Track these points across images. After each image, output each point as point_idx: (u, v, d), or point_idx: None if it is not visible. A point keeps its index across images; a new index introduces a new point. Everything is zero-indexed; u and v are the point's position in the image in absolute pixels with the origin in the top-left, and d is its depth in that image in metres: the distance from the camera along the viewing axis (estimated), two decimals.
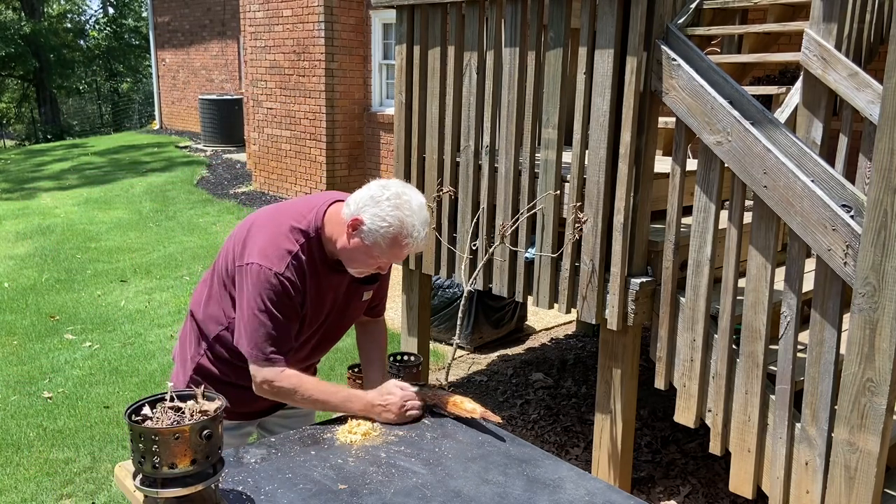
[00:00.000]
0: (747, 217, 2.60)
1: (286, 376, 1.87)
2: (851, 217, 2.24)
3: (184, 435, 1.39)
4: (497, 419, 1.90)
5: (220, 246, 2.05)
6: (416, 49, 3.51)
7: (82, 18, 30.14)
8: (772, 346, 2.53)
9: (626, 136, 2.73)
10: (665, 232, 2.74)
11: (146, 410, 1.46)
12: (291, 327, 1.89)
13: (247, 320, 1.85)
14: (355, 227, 1.81)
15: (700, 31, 4.27)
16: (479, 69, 3.25)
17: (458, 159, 3.42)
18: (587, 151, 2.86)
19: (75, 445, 3.66)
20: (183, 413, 1.46)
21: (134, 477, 1.46)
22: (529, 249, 3.12)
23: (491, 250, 3.21)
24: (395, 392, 1.93)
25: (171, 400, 1.49)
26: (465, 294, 2.91)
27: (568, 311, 3.03)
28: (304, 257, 1.88)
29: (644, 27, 2.65)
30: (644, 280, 2.82)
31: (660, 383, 2.86)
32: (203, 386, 1.57)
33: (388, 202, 1.80)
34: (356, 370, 2.15)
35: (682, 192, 2.70)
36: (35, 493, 3.26)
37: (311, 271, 1.90)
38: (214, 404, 1.50)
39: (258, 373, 1.87)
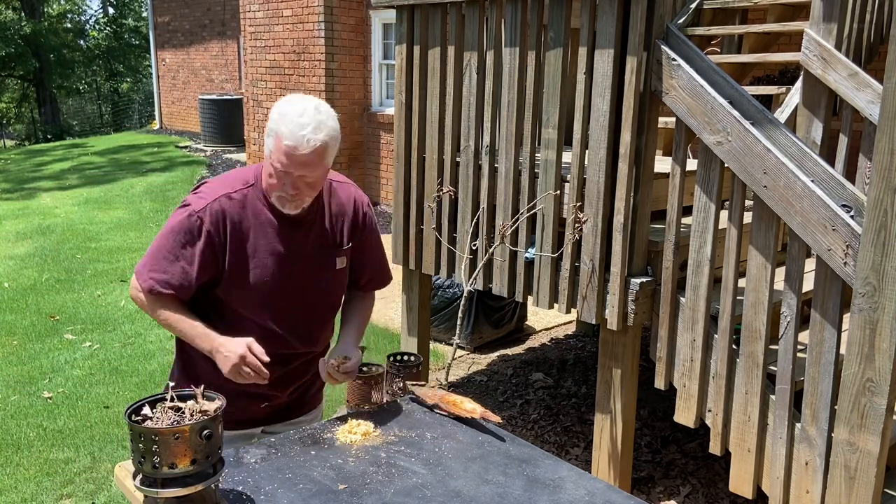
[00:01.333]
0: (747, 217, 2.60)
1: (159, 299, 1.86)
2: (851, 217, 2.24)
3: (184, 435, 1.39)
4: (497, 419, 1.90)
5: None
6: (416, 49, 3.51)
7: (82, 18, 30.14)
8: (772, 346, 2.53)
9: (626, 136, 2.73)
10: (665, 232, 2.74)
11: (146, 410, 1.46)
12: (187, 268, 1.84)
13: (153, 242, 1.88)
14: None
15: (700, 31, 4.27)
16: (479, 69, 3.25)
17: (458, 159, 3.42)
18: (587, 151, 2.87)
19: (75, 445, 3.66)
20: (183, 413, 1.46)
21: (134, 477, 1.46)
22: (529, 249, 3.12)
23: (491, 250, 3.21)
24: (239, 350, 1.79)
25: (171, 400, 1.49)
26: (465, 294, 2.90)
27: (568, 311, 3.03)
28: (237, 204, 1.86)
29: (644, 27, 2.65)
30: (644, 280, 2.82)
31: (660, 383, 2.86)
32: (203, 386, 1.57)
33: (276, 106, 1.77)
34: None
35: (682, 192, 2.70)
36: (35, 493, 3.26)
37: (246, 218, 1.87)
38: (214, 404, 1.50)
39: (134, 281, 1.89)
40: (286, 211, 1.87)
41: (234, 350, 1.79)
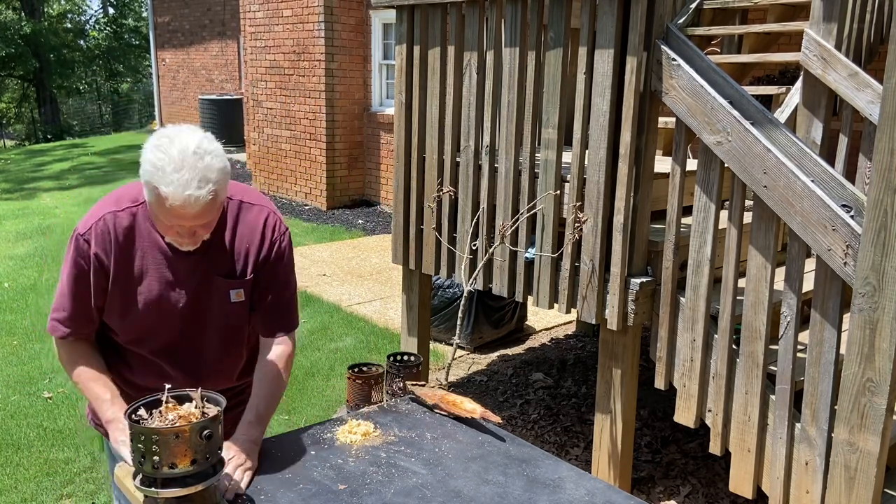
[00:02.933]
0: (747, 217, 2.60)
1: (64, 345, 1.76)
2: (851, 217, 2.24)
3: (184, 435, 1.39)
4: (497, 419, 1.90)
5: None
6: (416, 49, 3.51)
7: (82, 18, 30.15)
8: (772, 346, 2.53)
9: (626, 136, 2.73)
10: (665, 232, 2.74)
11: (142, 412, 1.46)
12: (84, 299, 1.72)
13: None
14: None
15: (700, 31, 4.27)
16: (479, 69, 3.25)
17: (458, 159, 3.42)
18: (587, 151, 2.87)
19: (75, 445, 3.66)
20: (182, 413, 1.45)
21: (134, 477, 1.46)
22: (529, 249, 3.12)
23: (491, 250, 3.21)
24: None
25: (167, 402, 1.49)
26: (465, 294, 2.90)
27: (568, 311, 3.03)
28: (123, 222, 1.70)
29: (644, 27, 2.65)
30: (644, 280, 2.82)
31: (660, 383, 2.86)
32: (200, 388, 1.56)
33: (147, 148, 1.56)
34: (356, 370, 2.15)
35: (682, 192, 2.70)
36: (35, 493, 3.26)
37: (134, 239, 1.71)
38: (215, 405, 1.49)
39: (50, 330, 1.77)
40: (183, 248, 1.71)
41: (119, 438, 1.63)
